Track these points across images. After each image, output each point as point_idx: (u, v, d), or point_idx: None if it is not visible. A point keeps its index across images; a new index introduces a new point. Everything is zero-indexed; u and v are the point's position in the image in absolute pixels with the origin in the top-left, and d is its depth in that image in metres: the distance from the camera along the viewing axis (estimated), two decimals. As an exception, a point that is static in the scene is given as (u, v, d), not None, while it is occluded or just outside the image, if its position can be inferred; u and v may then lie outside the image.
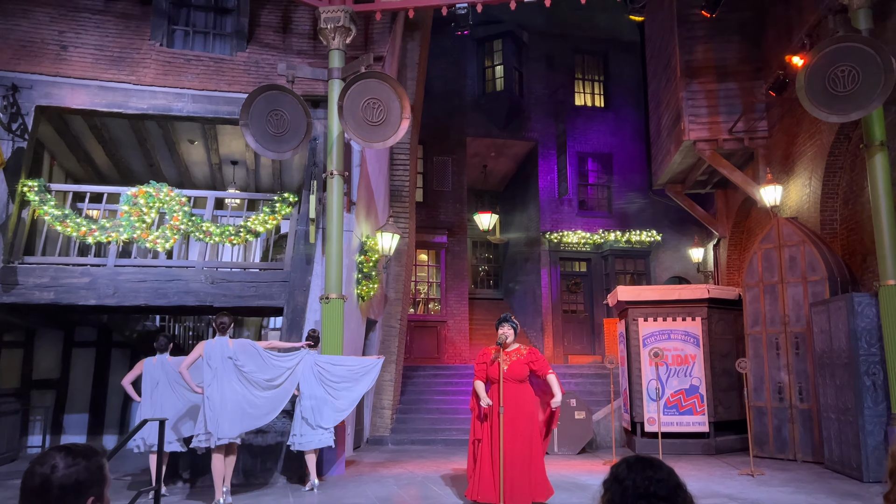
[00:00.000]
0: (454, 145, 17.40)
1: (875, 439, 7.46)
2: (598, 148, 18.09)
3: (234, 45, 10.00)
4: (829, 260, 9.12)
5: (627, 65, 18.40)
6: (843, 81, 7.32)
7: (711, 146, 11.90)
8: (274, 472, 7.68)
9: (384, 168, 11.26)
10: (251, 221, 9.26)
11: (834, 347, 8.18)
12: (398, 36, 10.82)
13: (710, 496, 6.73)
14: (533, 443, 5.96)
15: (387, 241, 10.34)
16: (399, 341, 11.69)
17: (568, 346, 17.07)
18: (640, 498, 1.72)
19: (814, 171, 10.17)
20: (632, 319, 10.41)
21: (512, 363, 6.04)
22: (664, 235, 17.34)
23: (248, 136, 8.36)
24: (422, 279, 17.28)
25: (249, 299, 9.01)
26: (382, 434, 11.15)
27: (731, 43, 11.93)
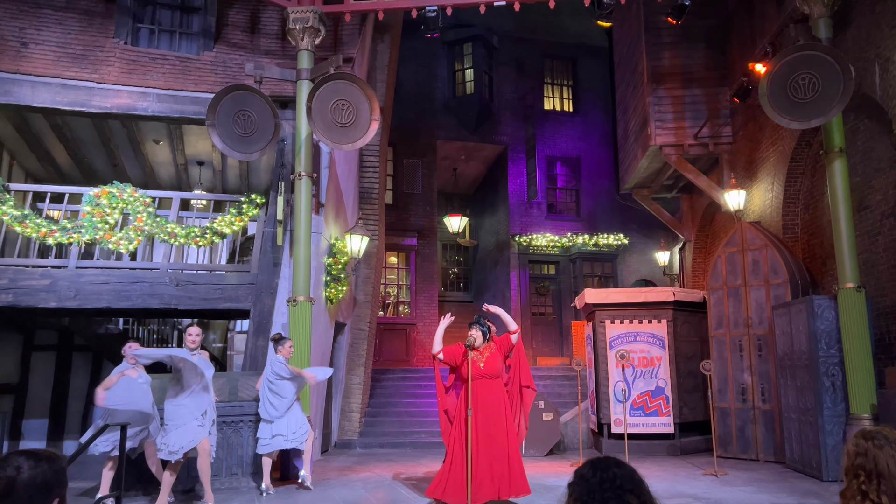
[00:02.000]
0: (424, 148, 17.41)
1: (834, 439, 7.63)
2: (567, 152, 18.26)
3: (201, 44, 9.88)
4: (791, 263, 9.32)
5: (596, 70, 18.61)
6: (804, 89, 7.49)
7: (677, 151, 12.08)
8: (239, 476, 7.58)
9: (353, 170, 11.21)
10: (217, 223, 9.15)
11: (795, 349, 8.35)
12: (368, 38, 10.79)
13: (675, 496, 6.82)
14: (510, 439, 5.95)
15: (356, 244, 10.29)
16: (368, 344, 11.64)
17: (537, 348, 17.17)
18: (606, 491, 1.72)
19: (776, 176, 10.38)
20: (599, 322, 10.50)
21: (488, 358, 6.03)
22: (631, 239, 17.56)
23: (214, 136, 8.26)
24: (391, 282, 17.23)
25: (215, 302, 8.89)
26: (350, 438, 11.09)
27: (696, 50, 12.14)
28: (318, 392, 9.40)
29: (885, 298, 8.22)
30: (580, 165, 18.28)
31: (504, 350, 6.18)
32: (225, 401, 7.62)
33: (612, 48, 16.05)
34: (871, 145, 8.47)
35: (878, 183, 8.33)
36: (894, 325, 8.09)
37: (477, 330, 6.14)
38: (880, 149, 8.27)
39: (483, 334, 6.16)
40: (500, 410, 5.97)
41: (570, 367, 13.83)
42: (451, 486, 5.81)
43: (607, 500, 1.71)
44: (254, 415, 7.53)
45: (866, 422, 7.31)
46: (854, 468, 1.97)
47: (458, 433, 5.96)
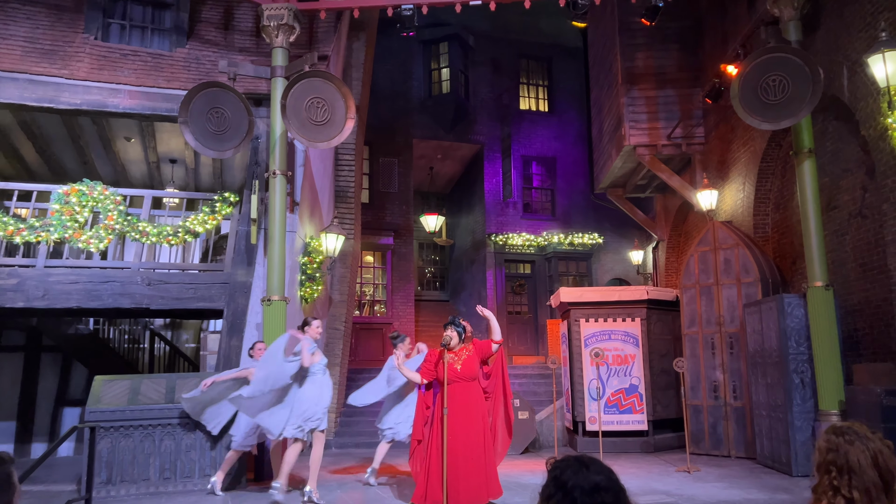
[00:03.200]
0: (400, 147, 17.37)
1: (803, 434, 7.76)
2: (543, 152, 18.35)
3: (174, 40, 9.75)
4: (762, 262, 9.46)
5: (571, 70, 18.72)
6: (774, 90, 7.60)
7: (651, 151, 12.20)
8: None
9: (329, 168, 11.15)
10: (190, 221, 9.04)
11: (765, 347, 8.48)
12: (343, 36, 10.73)
13: (649, 493, 6.88)
14: (486, 442, 5.87)
15: (331, 243, 10.23)
16: (344, 344, 11.58)
17: (512, 346, 17.23)
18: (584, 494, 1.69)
19: (747, 176, 10.54)
20: (574, 320, 10.57)
21: (464, 361, 5.92)
22: (606, 238, 17.70)
23: (187, 134, 8.16)
24: (367, 281, 17.17)
25: (188, 301, 8.78)
26: (326, 438, 11.00)
27: (670, 51, 12.27)
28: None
29: (852, 297, 8.39)
30: (555, 165, 18.38)
31: (482, 355, 6.05)
32: (198, 401, 7.52)
33: (587, 49, 16.17)
34: (839, 146, 8.63)
35: (846, 183, 8.50)
36: (862, 322, 8.26)
37: (452, 330, 6.05)
38: (848, 150, 8.43)
39: (458, 334, 6.10)
40: (477, 413, 5.88)
41: (546, 366, 13.89)
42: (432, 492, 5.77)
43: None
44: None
45: (834, 418, 7.45)
46: (826, 464, 2.00)
47: (435, 436, 5.94)
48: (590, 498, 1.67)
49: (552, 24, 17.55)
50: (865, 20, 7.40)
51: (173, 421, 7.37)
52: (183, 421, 7.36)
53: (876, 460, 1.92)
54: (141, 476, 7.22)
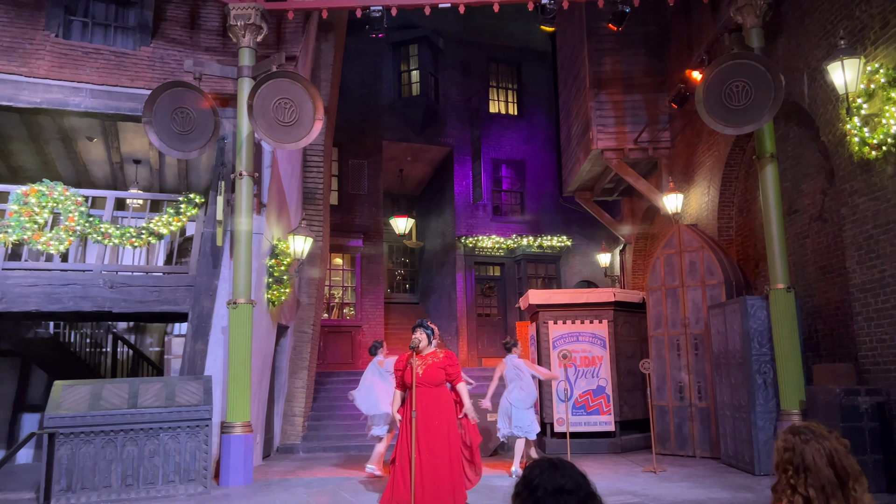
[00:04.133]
0: (370, 149, 17.31)
1: (766, 434, 7.90)
2: (512, 155, 18.44)
3: (138, 39, 9.58)
4: (726, 265, 9.62)
5: (540, 74, 18.85)
6: (737, 96, 7.75)
7: (618, 155, 12.33)
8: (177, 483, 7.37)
9: (297, 170, 11.05)
10: (154, 223, 8.88)
11: (729, 348, 8.62)
12: (312, 36, 10.66)
13: (616, 493, 6.94)
14: (452, 447, 5.82)
15: (299, 245, 10.13)
16: (312, 347, 11.48)
17: (482, 349, 17.27)
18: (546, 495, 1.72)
19: (712, 180, 10.71)
20: (542, 322, 10.63)
21: (427, 367, 5.88)
22: (574, 241, 17.85)
23: (151, 134, 8.03)
24: (336, 283, 17.06)
25: (152, 304, 8.63)
26: (293, 442, 10.91)
27: (636, 56, 12.43)
28: (260, 396, 9.23)
29: (813, 299, 8.57)
30: (525, 168, 18.49)
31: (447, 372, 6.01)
32: (162, 406, 7.40)
33: (555, 53, 16.31)
34: (800, 151, 8.82)
35: (807, 187, 8.69)
36: (821, 324, 8.44)
37: (421, 332, 6.04)
38: (808, 155, 8.62)
39: (427, 336, 6.10)
40: (442, 418, 5.83)
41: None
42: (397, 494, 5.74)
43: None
44: (191, 420, 7.35)
45: (795, 417, 7.60)
46: (783, 463, 2.04)
47: (402, 438, 5.91)
48: (553, 499, 1.71)
49: (521, 27, 17.66)
50: (825, 28, 7.58)
51: (136, 427, 7.23)
52: (146, 426, 7.23)
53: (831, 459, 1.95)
54: (102, 483, 7.07)
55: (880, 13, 6.70)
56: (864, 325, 7.07)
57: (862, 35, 6.98)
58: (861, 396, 6.61)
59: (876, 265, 6.84)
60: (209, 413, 7.49)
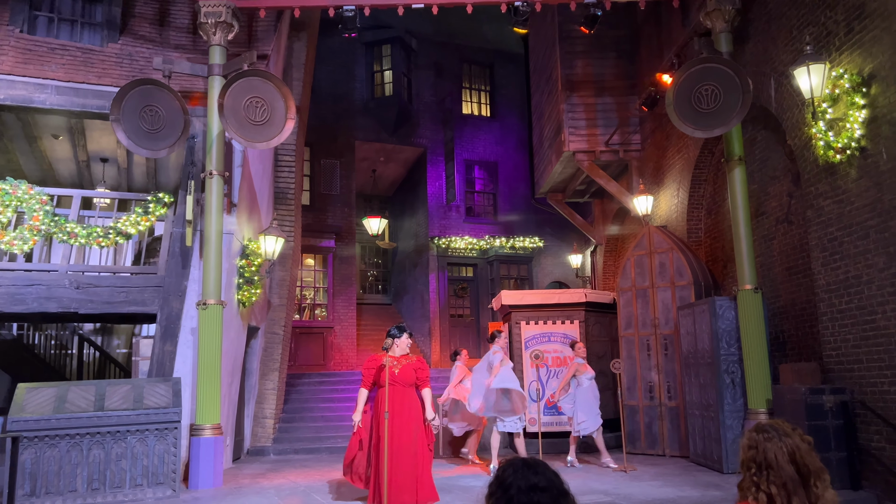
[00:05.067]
0: (343, 149, 17.24)
1: (734, 433, 8.02)
2: (485, 156, 18.50)
3: (105, 35, 9.42)
4: (695, 266, 9.75)
5: (512, 76, 18.94)
6: (706, 99, 7.86)
7: (589, 157, 12.44)
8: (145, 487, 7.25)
9: (268, 169, 10.95)
10: (122, 222, 8.74)
11: (698, 348, 8.74)
12: (284, 35, 10.58)
13: (587, 493, 6.99)
14: (419, 446, 6.01)
15: (270, 245, 10.04)
16: (283, 348, 11.38)
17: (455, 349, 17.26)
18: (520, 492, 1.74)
19: (681, 182, 10.85)
20: (514, 323, 10.67)
21: (403, 367, 6.13)
22: (546, 242, 17.96)
23: (119, 132, 7.89)
24: (308, 284, 16.94)
25: (119, 305, 8.48)
26: (264, 444, 10.81)
27: (608, 59, 12.54)
28: (230, 398, 9.12)
29: (779, 299, 8.73)
30: (497, 169, 18.55)
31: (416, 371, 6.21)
32: (129, 408, 7.27)
33: (528, 55, 16.39)
34: (767, 154, 8.98)
35: (774, 190, 8.85)
36: (788, 324, 8.60)
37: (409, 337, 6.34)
38: (775, 158, 8.78)
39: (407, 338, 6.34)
40: (411, 417, 6.03)
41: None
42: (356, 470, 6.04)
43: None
44: (160, 422, 7.24)
45: (762, 416, 7.73)
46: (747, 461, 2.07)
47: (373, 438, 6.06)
48: (525, 496, 1.73)
49: (494, 29, 17.74)
50: (791, 34, 7.73)
51: (103, 430, 7.09)
52: (113, 429, 7.10)
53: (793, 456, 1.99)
54: (67, 487, 6.92)
55: (845, 20, 6.85)
56: (828, 326, 7.22)
57: (827, 41, 7.13)
58: (826, 395, 6.74)
59: (840, 266, 6.99)
60: (178, 415, 7.38)
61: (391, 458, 5.77)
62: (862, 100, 6.57)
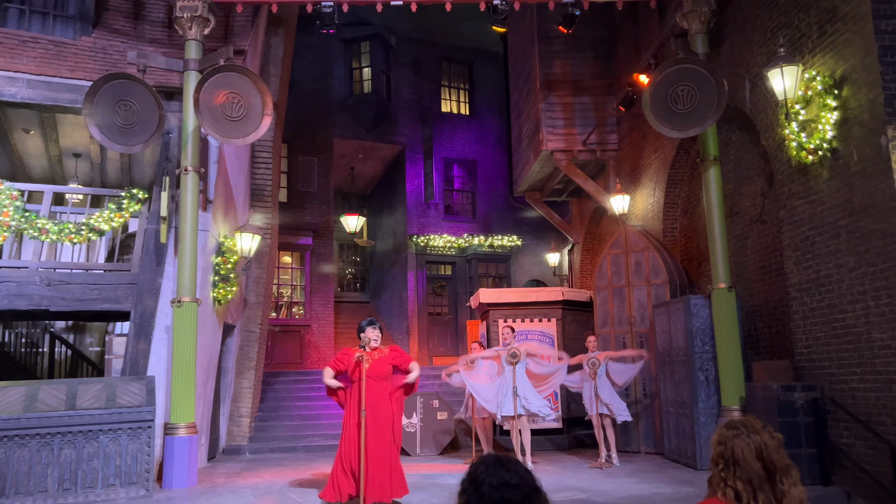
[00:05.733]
0: (321, 146, 17.14)
1: (708, 430, 8.11)
2: (464, 155, 18.51)
3: (78, 28, 9.26)
4: (670, 265, 9.85)
5: (491, 74, 18.97)
6: (682, 100, 7.92)
7: (567, 156, 12.50)
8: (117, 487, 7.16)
9: (245, 166, 10.86)
10: (95, 219, 8.61)
11: (673, 346, 8.83)
12: (261, 31, 10.49)
13: (563, 490, 7.03)
14: (393, 440, 6.09)
15: (246, 242, 9.96)
16: (259, 347, 11.30)
17: (433, 347, 17.28)
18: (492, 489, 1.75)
19: (657, 182, 10.95)
20: (492, 321, 10.70)
21: (374, 362, 6.13)
22: (524, 240, 18.03)
23: (92, 127, 7.77)
24: (285, 282, 16.84)
25: (92, 303, 8.35)
26: (240, 443, 10.72)
27: (586, 59, 12.61)
28: (205, 397, 9.04)
29: (752, 298, 8.85)
30: (476, 168, 18.58)
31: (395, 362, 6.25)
32: (102, 407, 7.17)
33: (507, 54, 16.42)
34: (741, 155, 9.09)
35: (748, 190, 8.96)
36: (761, 322, 8.72)
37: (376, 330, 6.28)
38: (750, 158, 8.90)
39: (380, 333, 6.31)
40: (383, 411, 6.06)
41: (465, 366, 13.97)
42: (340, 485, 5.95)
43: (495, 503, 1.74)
44: (133, 421, 7.15)
45: (735, 413, 7.82)
46: (716, 457, 2.10)
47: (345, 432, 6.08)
48: (497, 493, 1.74)
49: (473, 28, 17.74)
50: (766, 36, 7.83)
51: (74, 429, 6.98)
52: (85, 429, 7.00)
53: (760, 453, 2.02)
54: (38, 488, 6.81)
55: (818, 23, 6.95)
56: (800, 324, 7.33)
57: (800, 43, 7.23)
58: (797, 392, 6.85)
59: (812, 266, 7.10)
60: (152, 414, 7.30)
61: (369, 455, 5.78)
62: (834, 101, 6.68)
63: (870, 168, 6.24)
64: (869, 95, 6.24)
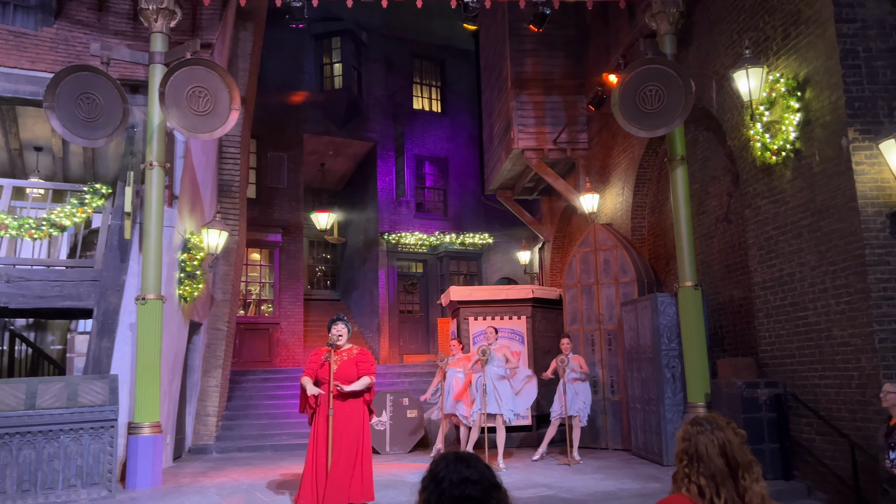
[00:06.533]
0: (290, 141, 16.98)
1: (674, 426, 8.22)
2: (435, 152, 18.49)
3: (39, 19, 9.03)
4: (638, 263, 9.95)
5: (463, 72, 18.97)
6: (651, 100, 8.00)
7: (538, 155, 12.56)
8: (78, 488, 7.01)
9: (212, 161, 10.70)
10: (56, 214, 8.41)
11: (640, 343, 8.93)
12: (229, 24, 10.34)
13: (531, 486, 7.06)
14: (361, 444, 5.93)
15: (213, 239, 9.82)
16: (226, 345, 11.15)
17: (404, 345, 17.25)
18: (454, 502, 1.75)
19: (626, 181, 11.05)
20: (463, 318, 10.71)
21: (342, 363, 5.98)
22: (495, 238, 18.08)
23: (53, 120, 7.58)
24: (253, 279, 16.66)
25: (53, 300, 8.15)
26: (206, 442, 10.58)
27: (557, 58, 12.67)
28: (171, 396, 8.90)
29: (718, 296, 8.98)
30: (448, 166, 18.57)
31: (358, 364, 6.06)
32: (63, 407, 7.01)
33: (478, 52, 16.44)
34: (708, 155, 9.22)
35: (714, 190, 9.09)
36: (726, 320, 8.86)
37: (343, 327, 6.12)
38: (716, 158, 9.02)
39: (348, 330, 6.18)
40: (351, 415, 5.92)
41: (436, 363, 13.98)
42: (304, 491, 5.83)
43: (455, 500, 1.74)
44: (96, 421, 7.00)
45: (701, 409, 7.93)
46: (681, 453, 2.12)
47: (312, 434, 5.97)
48: (457, 489, 1.75)
49: (445, 25, 17.72)
50: (732, 38, 7.94)
51: (34, 429, 6.82)
52: (45, 429, 6.84)
53: (723, 449, 2.04)
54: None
55: (782, 25, 7.07)
56: (763, 322, 7.46)
57: (765, 46, 7.35)
58: (760, 389, 6.97)
59: (775, 264, 7.22)
60: (115, 413, 7.16)
61: (334, 457, 5.71)
62: (797, 103, 6.80)
63: (831, 169, 6.36)
64: (831, 98, 6.37)
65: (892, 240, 5.99)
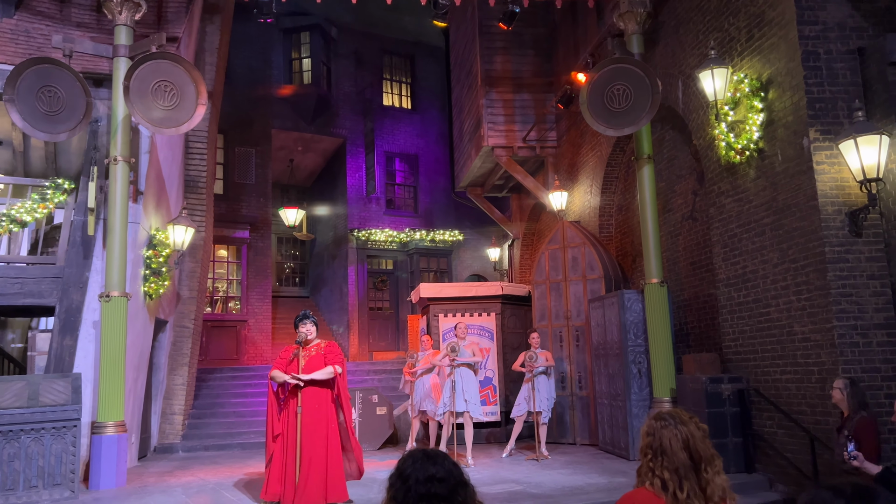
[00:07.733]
0: (258, 137, 16.80)
1: (640, 421, 8.34)
2: (405, 149, 18.46)
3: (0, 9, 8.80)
4: (606, 260, 10.06)
5: (433, 69, 18.96)
6: (618, 99, 8.08)
7: (508, 153, 12.61)
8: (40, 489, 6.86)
9: (178, 156, 10.54)
10: (16, 209, 8.21)
11: (607, 339, 9.03)
12: (196, 18, 10.18)
13: (499, 482, 7.11)
14: (330, 441, 5.89)
15: (179, 235, 9.68)
16: (193, 342, 11.01)
17: (373, 342, 17.21)
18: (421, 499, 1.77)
19: (594, 179, 11.16)
20: (433, 315, 10.72)
21: (310, 359, 5.97)
22: (465, 235, 18.12)
23: (13, 113, 7.39)
24: (221, 276, 16.46)
25: (13, 297, 7.96)
26: (172, 441, 10.44)
27: (526, 56, 12.74)
28: (136, 394, 8.76)
29: (683, 293, 9.13)
30: (418, 162, 18.55)
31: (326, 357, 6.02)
32: (23, 406, 6.86)
33: (448, 49, 16.44)
34: (674, 154, 9.36)
35: (680, 188, 9.23)
36: (691, 316, 9.01)
37: (310, 325, 6.09)
38: (682, 157, 9.16)
39: (316, 328, 6.14)
40: (320, 412, 5.89)
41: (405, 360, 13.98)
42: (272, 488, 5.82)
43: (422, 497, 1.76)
44: (57, 420, 6.86)
45: (666, 404, 8.05)
46: (645, 447, 2.16)
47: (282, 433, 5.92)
48: (423, 486, 1.78)
49: (415, 21, 17.69)
50: (698, 38, 8.07)
51: (-8, 429, 6.66)
52: (5, 429, 6.68)
53: (687, 443, 2.08)
54: (-48, 492, 6.48)
55: (746, 27, 7.20)
56: (727, 318, 7.61)
57: (730, 46, 7.48)
58: (724, 384, 7.10)
59: (739, 262, 7.37)
60: (77, 413, 7.03)
61: (303, 455, 5.67)
62: (760, 103, 6.94)
63: (793, 168, 6.51)
64: (793, 98, 6.51)
65: (851, 238, 6.16)
